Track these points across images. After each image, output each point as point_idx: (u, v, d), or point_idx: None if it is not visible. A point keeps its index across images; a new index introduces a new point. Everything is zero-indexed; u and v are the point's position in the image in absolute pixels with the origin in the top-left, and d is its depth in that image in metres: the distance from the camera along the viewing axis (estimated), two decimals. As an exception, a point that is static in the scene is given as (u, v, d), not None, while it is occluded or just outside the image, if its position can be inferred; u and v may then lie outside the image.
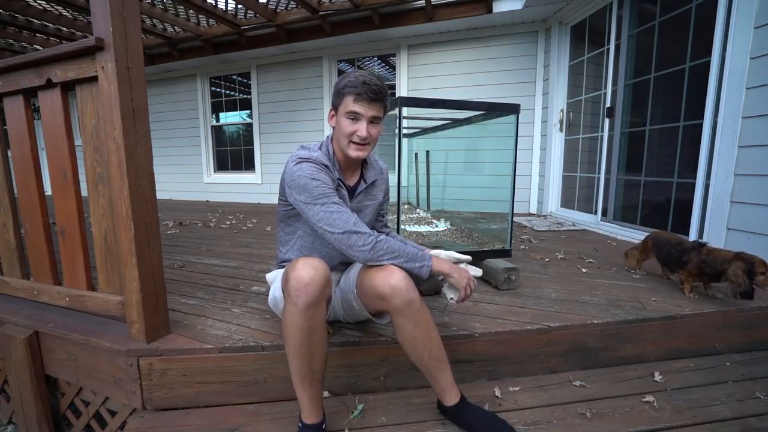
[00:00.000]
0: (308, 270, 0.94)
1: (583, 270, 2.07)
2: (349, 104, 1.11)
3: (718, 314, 1.51)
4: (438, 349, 1.07)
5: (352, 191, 1.26)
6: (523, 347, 1.37)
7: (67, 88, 1.25)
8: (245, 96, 5.63)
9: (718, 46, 2.15)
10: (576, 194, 3.70)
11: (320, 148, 1.21)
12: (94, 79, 1.14)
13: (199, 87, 5.76)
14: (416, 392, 1.28)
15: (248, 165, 5.75)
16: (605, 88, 3.22)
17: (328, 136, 1.26)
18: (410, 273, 1.07)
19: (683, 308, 1.52)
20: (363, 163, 1.30)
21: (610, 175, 3.13)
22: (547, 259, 2.30)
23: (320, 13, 3.99)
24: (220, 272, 2.05)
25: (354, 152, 1.16)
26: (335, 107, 1.17)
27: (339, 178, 1.20)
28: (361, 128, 1.12)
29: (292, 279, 0.94)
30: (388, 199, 1.46)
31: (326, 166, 1.15)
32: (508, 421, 1.07)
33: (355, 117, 1.12)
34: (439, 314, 1.45)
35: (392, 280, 1.03)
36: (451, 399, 1.09)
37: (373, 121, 1.14)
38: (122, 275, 1.21)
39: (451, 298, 1.13)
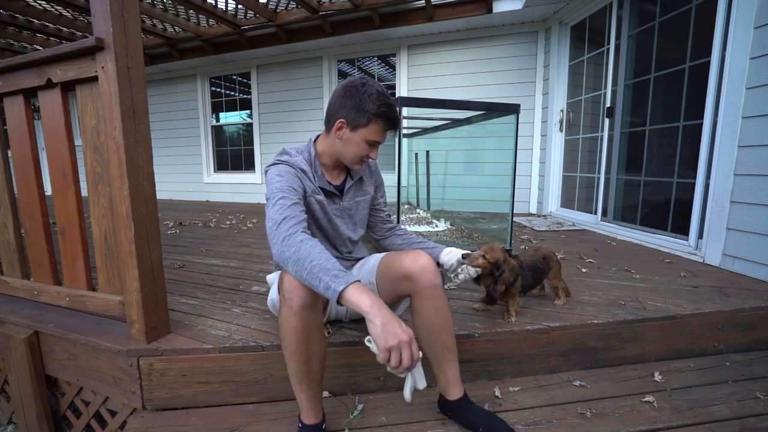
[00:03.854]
0: None
1: (583, 270, 2.07)
2: (376, 134, 1.10)
3: (718, 314, 1.51)
4: (451, 341, 1.08)
5: (340, 189, 1.25)
6: (523, 347, 1.37)
7: (67, 88, 1.25)
8: (245, 96, 5.63)
9: (718, 46, 2.15)
10: (576, 194, 3.70)
11: (301, 153, 1.19)
12: (94, 79, 1.14)
13: (199, 87, 5.76)
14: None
15: (248, 165, 5.75)
16: (605, 88, 3.22)
17: (311, 138, 1.23)
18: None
19: (683, 308, 1.52)
20: None
21: (610, 175, 3.13)
22: (547, 259, 2.30)
23: (320, 13, 3.99)
24: (220, 272, 2.05)
25: (357, 166, 1.18)
26: (353, 125, 1.09)
27: (320, 186, 1.18)
28: (375, 153, 1.15)
29: (286, 281, 0.93)
30: (384, 193, 1.43)
31: (303, 170, 1.14)
32: (508, 421, 1.07)
33: (375, 144, 1.13)
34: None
35: (421, 261, 1.04)
36: (455, 394, 1.10)
37: None
38: (122, 275, 1.21)
39: (369, 343, 0.83)
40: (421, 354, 0.81)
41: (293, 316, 0.92)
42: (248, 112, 5.68)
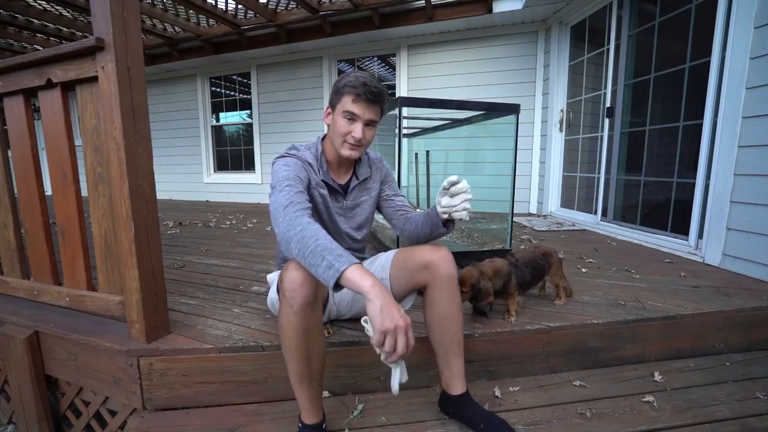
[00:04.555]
0: (303, 270, 0.93)
1: (583, 270, 2.07)
2: (347, 104, 1.11)
3: (718, 314, 1.51)
4: (460, 333, 1.10)
5: (345, 189, 1.26)
6: (523, 347, 1.37)
7: (67, 88, 1.25)
8: (245, 96, 5.63)
9: (718, 46, 2.15)
10: (576, 194, 3.70)
11: (309, 149, 1.21)
12: (95, 79, 1.14)
13: (199, 87, 5.76)
14: (416, 392, 1.28)
15: (248, 165, 5.75)
16: (605, 88, 3.22)
17: (319, 136, 1.26)
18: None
19: (683, 308, 1.52)
20: (356, 160, 1.29)
21: (610, 175, 3.12)
22: (547, 259, 2.30)
23: (320, 13, 3.99)
24: (220, 272, 2.05)
25: (347, 151, 1.16)
26: (332, 105, 1.16)
27: (324, 180, 1.20)
28: (357, 130, 1.12)
29: (287, 280, 0.93)
30: (392, 183, 1.36)
31: (309, 164, 1.16)
32: (508, 421, 1.07)
33: (351, 117, 1.12)
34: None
35: (441, 252, 1.08)
36: (458, 389, 1.11)
37: (368, 123, 1.14)
38: (122, 275, 1.21)
39: (365, 323, 0.83)
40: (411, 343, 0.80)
41: (293, 315, 0.92)
42: (248, 112, 5.68)
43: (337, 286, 0.82)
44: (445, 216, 1.09)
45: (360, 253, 1.37)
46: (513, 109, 2.04)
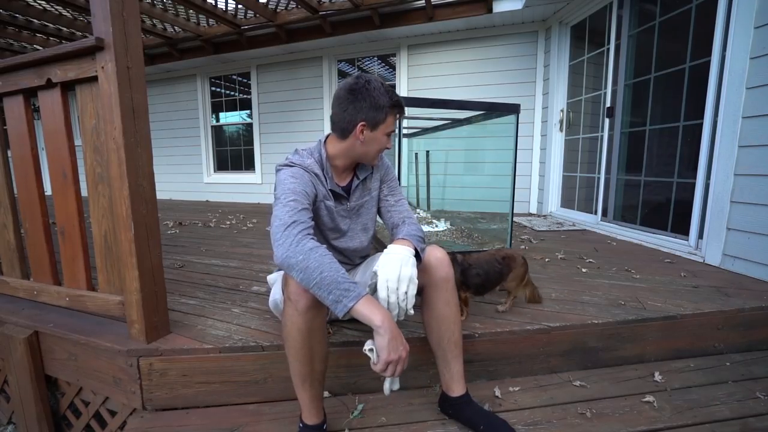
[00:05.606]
0: None
1: (583, 270, 2.07)
2: (393, 124, 1.15)
3: (718, 314, 1.51)
4: (458, 335, 1.11)
5: (347, 190, 1.25)
6: (523, 347, 1.37)
7: (67, 88, 1.25)
8: (245, 96, 5.63)
9: (718, 46, 2.15)
10: (576, 194, 3.70)
11: (312, 155, 1.17)
12: (94, 79, 1.14)
13: (199, 87, 5.76)
14: (416, 392, 1.28)
15: (248, 165, 5.75)
16: (605, 88, 3.22)
17: (320, 140, 1.20)
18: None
19: (683, 308, 1.52)
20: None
21: (610, 175, 3.12)
22: (547, 259, 2.30)
23: (320, 13, 3.99)
24: (220, 272, 2.05)
25: (377, 161, 1.23)
26: (372, 124, 1.09)
27: (331, 189, 1.16)
28: (390, 142, 1.18)
29: (292, 284, 0.93)
30: (391, 180, 1.32)
31: (316, 174, 1.13)
32: (508, 421, 1.07)
33: (390, 134, 1.16)
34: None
35: (437, 253, 1.09)
36: (458, 390, 1.11)
37: None
38: (122, 275, 1.21)
39: (370, 352, 0.89)
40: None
41: (299, 317, 0.93)
42: (248, 112, 5.68)
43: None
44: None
45: (366, 255, 1.37)
46: (513, 109, 2.04)
